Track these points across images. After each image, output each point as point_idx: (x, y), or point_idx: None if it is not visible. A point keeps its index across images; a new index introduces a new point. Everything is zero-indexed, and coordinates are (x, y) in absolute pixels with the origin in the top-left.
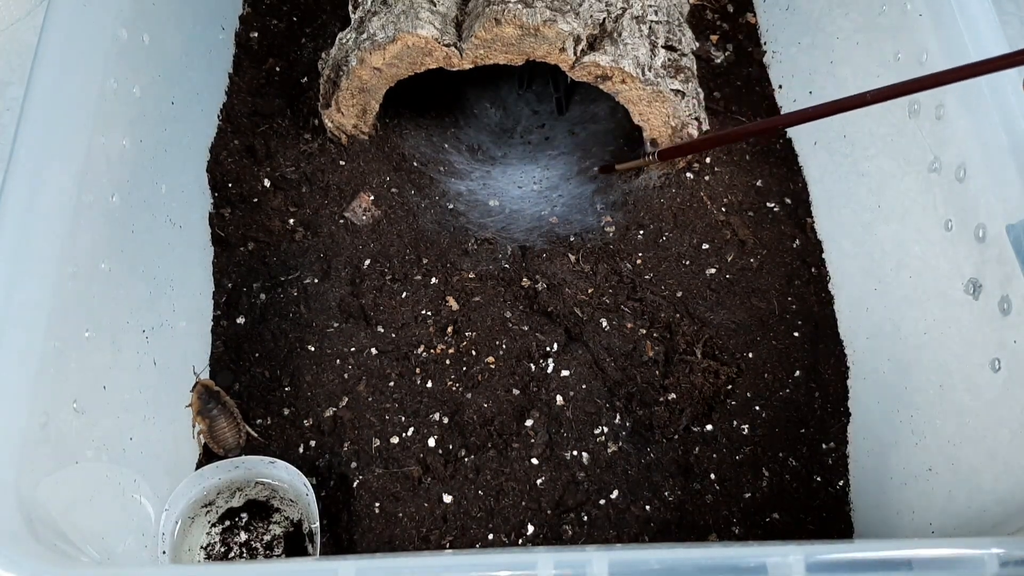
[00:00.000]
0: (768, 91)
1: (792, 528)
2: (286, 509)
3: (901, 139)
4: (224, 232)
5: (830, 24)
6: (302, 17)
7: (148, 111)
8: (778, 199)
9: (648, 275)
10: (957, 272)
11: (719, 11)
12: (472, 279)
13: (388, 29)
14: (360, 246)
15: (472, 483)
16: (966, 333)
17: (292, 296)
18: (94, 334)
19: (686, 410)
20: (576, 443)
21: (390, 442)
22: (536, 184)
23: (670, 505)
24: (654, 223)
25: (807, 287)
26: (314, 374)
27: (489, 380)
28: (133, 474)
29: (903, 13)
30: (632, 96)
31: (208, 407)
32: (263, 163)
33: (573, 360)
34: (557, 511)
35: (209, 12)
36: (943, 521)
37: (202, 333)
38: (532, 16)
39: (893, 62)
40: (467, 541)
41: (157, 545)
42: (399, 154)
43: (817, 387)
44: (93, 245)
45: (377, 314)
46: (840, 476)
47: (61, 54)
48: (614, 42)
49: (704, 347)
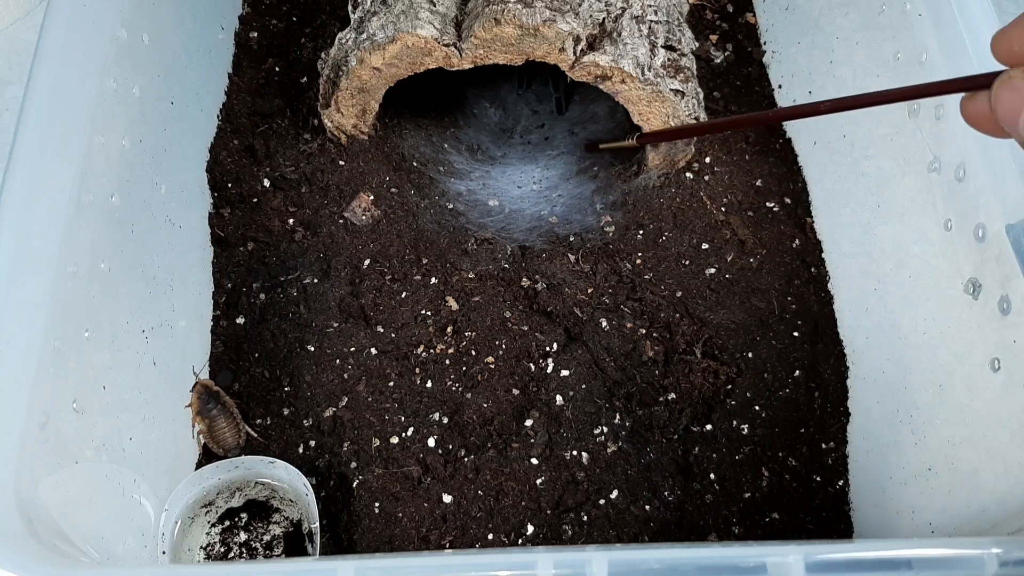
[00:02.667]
0: (768, 91)
1: (792, 528)
2: (286, 509)
3: (901, 139)
4: (224, 232)
5: (830, 24)
6: (302, 17)
7: (148, 111)
8: (778, 199)
9: (648, 275)
10: (957, 272)
11: (719, 11)
12: (472, 279)
13: (388, 29)
14: (360, 246)
15: (472, 483)
16: (966, 333)
17: (292, 296)
18: (94, 334)
19: (686, 410)
20: (576, 443)
21: (390, 442)
22: (536, 184)
23: (670, 505)
24: (654, 223)
25: (807, 287)
26: (314, 374)
27: (489, 380)
28: (133, 474)
29: (903, 13)
30: (632, 96)
31: (208, 407)
32: (263, 163)
33: (573, 360)
34: (557, 511)
35: (209, 12)
36: (943, 521)
37: (202, 333)
38: (532, 16)
39: (893, 62)
40: (467, 541)
41: (157, 545)
42: (399, 154)
43: (817, 387)
44: (93, 245)
45: (377, 314)
46: (840, 476)
47: (61, 54)
48: (614, 42)
49: (704, 347)
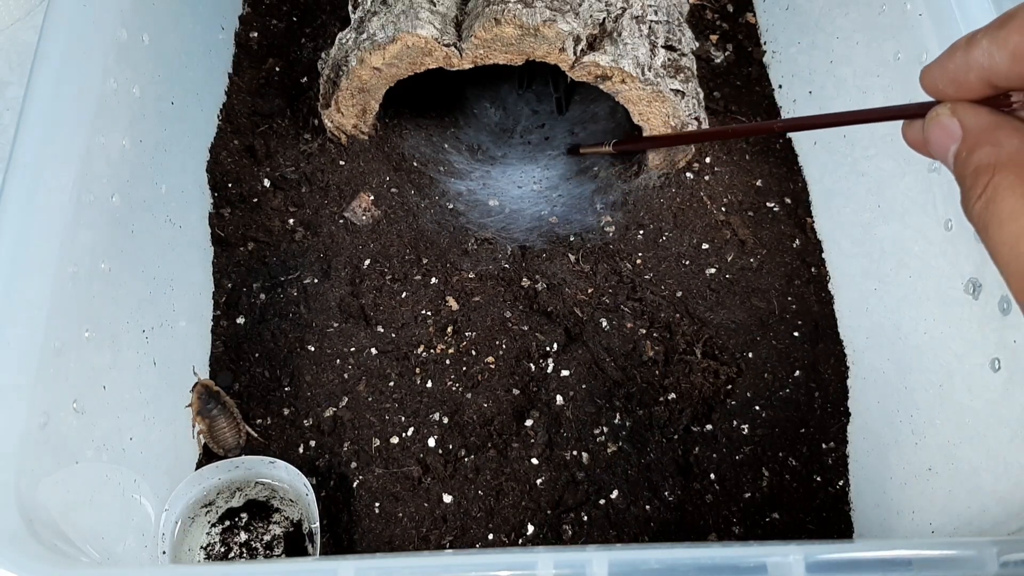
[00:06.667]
0: (768, 91)
1: (792, 528)
2: (286, 509)
3: (901, 139)
4: (224, 232)
5: (830, 24)
6: (302, 17)
7: (148, 111)
8: (778, 199)
9: (648, 275)
10: (957, 272)
11: (719, 11)
12: (472, 279)
13: (388, 29)
14: (360, 246)
15: (472, 483)
16: (966, 333)
17: (292, 296)
18: (94, 334)
19: (686, 410)
20: (576, 443)
21: (390, 442)
22: (536, 184)
23: (670, 505)
24: (654, 223)
25: (807, 287)
26: (314, 374)
27: (489, 380)
28: (133, 474)
29: (903, 13)
30: (632, 96)
31: (208, 407)
32: (263, 163)
33: (573, 360)
34: (557, 511)
35: (209, 12)
36: (943, 521)
37: (202, 333)
38: (532, 16)
39: (893, 62)
40: (467, 541)
41: (157, 545)
42: (399, 154)
43: (817, 387)
44: (93, 245)
45: (377, 314)
46: (840, 476)
47: (61, 54)
48: (614, 42)
49: (704, 347)
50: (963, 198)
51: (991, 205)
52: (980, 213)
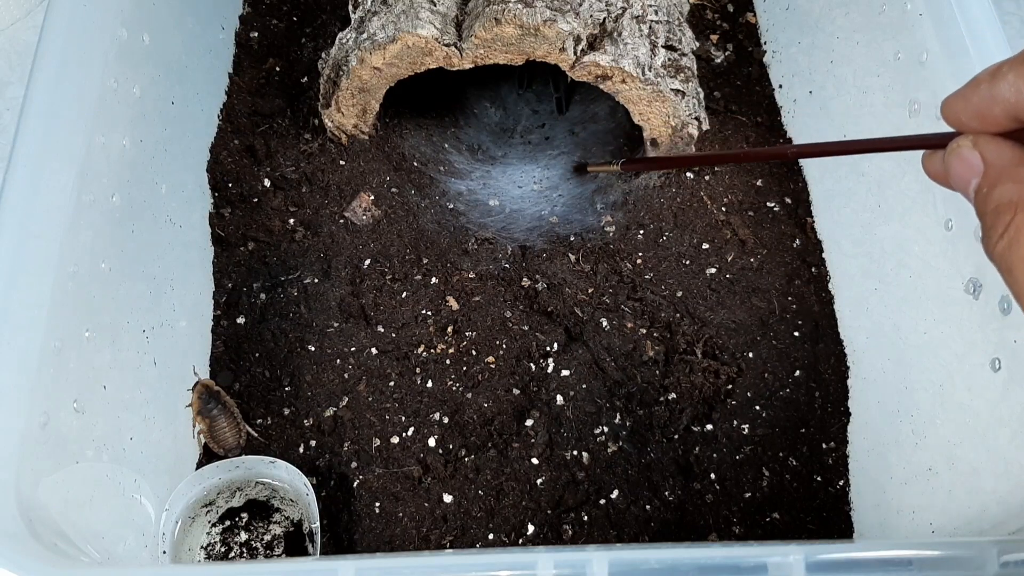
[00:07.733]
0: (768, 91)
1: (792, 528)
2: (286, 509)
3: None
4: (224, 232)
5: (830, 24)
6: (302, 17)
7: (148, 111)
8: (778, 199)
9: (648, 275)
10: (957, 272)
11: (719, 11)
12: (472, 279)
13: (388, 29)
14: (360, 246)
15: (472, 483)
16: (966, 333)
17: (292, 296)
18: (94, 334)
19: (686, 410)
20: (576, 443)
21: (390, 442)
22: (536, 184)
23: (670, 505)
24: (654, 223)
25: (807, 287)
26: (314, 374)
27: (489, 380)
28: (133, 474)
29: (903, 13)
30: (632, 96)
31: (208, 407)
32: (263, 163)
33: (573, 360)
34: (557, 511)
35: (209, 12)
36: (943, 521)
37: (202, 333)
38: (532, 16)
39: (893, 62)
40: (467, 541)
41: (157, 545)
42: (399, 154)
43: (817, 387)
44: (93, 245)
45: (377, 314)
46: (840, 476)
47: (61, 54)
48: (614, 42)
49: (704, 347)
50: (984, 236)
51: (1015, 246)
52: (1003, 254)
